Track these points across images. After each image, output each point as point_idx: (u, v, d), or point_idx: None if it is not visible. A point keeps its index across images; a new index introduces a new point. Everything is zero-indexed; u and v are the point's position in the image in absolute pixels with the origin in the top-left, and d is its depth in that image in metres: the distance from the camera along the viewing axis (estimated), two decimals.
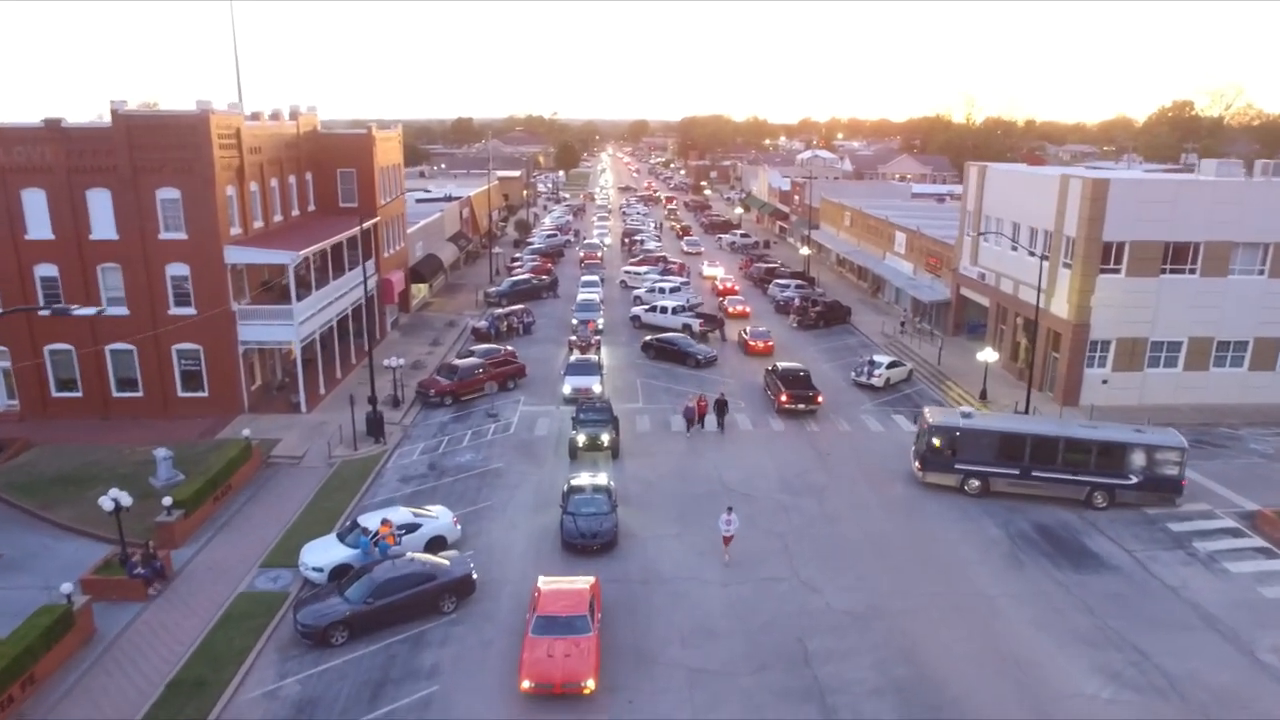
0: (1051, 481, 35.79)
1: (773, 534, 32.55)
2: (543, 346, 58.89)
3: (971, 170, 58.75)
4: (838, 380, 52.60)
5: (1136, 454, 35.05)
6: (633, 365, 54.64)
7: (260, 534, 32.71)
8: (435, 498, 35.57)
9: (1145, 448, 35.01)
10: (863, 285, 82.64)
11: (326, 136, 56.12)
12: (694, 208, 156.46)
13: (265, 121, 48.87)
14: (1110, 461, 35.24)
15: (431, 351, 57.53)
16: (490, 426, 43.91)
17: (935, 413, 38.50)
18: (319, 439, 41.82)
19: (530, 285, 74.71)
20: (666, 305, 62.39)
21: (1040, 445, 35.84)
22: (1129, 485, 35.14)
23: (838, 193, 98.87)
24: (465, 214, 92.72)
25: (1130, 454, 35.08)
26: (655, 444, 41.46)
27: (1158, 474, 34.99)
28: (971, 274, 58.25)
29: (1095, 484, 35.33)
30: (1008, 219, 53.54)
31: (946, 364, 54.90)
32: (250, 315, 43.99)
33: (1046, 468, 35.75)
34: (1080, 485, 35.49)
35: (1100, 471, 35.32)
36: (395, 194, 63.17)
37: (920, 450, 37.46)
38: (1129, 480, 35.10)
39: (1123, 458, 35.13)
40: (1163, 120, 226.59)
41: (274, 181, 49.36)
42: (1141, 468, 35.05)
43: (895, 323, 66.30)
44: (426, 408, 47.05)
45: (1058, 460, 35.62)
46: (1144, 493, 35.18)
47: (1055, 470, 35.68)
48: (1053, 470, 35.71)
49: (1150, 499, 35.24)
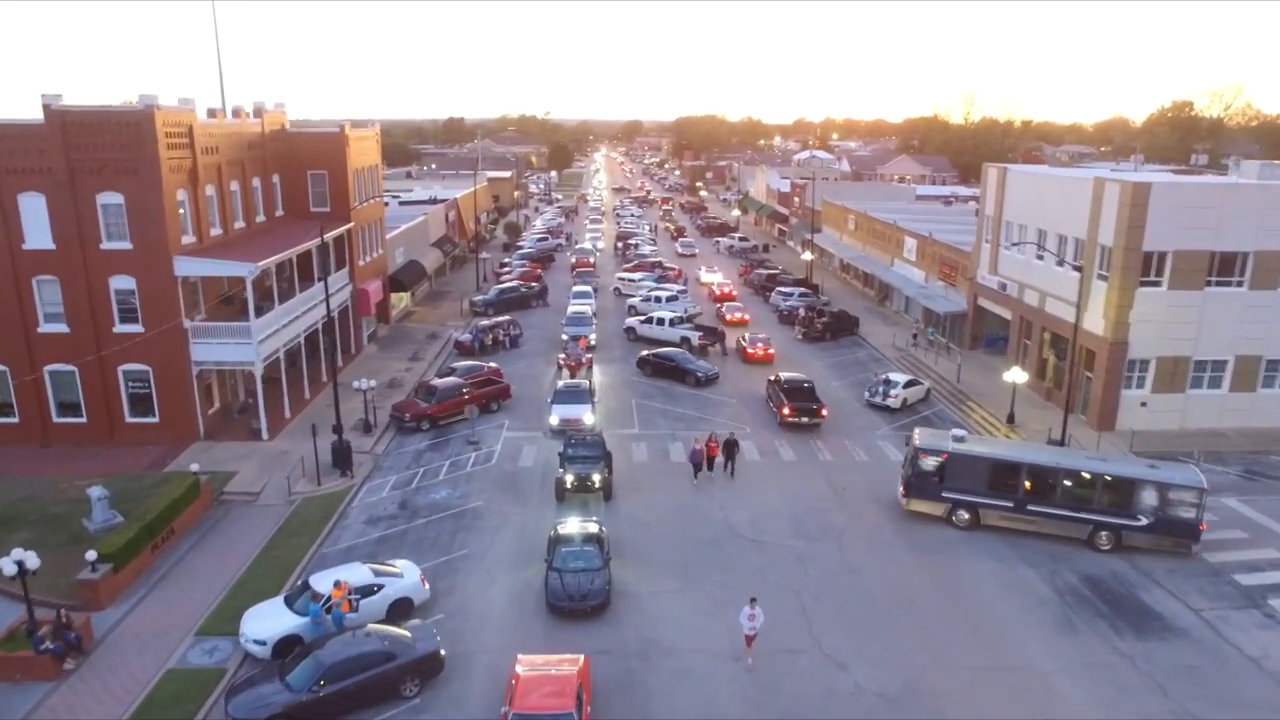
0: (1050, 518, 32.27)
1: (787, 590, 28.45)
2: (530, 362, 54.72)
3: (991, 172, 54.78)
4: (849, 400, 48.55)
5: (1148, 492, 31.29)
6: (627, 383, 50.50)
7: (202, 591, 28.51)
8: (404, 545, 31.44)
9: (1158, 486, 31.23)
10: (868, 293, 78.67)
11: (295, 136, 51.87)
12: (690, 209, 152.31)
13: (225, 119, 44.59)
14: (1118, 499, 31.57)
15: (410, 368, 53.31)
16: (470, 456, 39.75)
17: (924, 434, 35.08)
18: (280, 471, 37.61)
19: (518, 294, 70.51)
20: (663, 316, 58.29)
21: (1038, 476, 32.34)
22: (1138, 527, 31.42)
23: (840, 195, 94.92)
24: (451, 217, 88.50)
25: (1140, 492, 31.34)
26: (652, 478, 37.34)
27: (1172, 516, 31.16)
28: (991, 284, 54.27)
29: (1100, 523, 31.73)
30: (1032, 225, 49.58)
31: (967, 382, 50.89)
32: (205, 333, 39.77)
33: (1045, 502, 32.23)
34: (1082, 524, 31.90)
35: (1106, 510, 31.68)
36: (373, 197, 58.94)
37: (905, 474, 34.08)
38: (1138, 521, 31.38)
39: (1132, 496, 31.42)
40: (1162, 120, 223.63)
41: (234, 184, 45.10)
42: (1153, 508, 31.28)
43: (906, 334, 62.31)
44: (401, 433, 42.86)
45: (1057, 494, 32.11)
46: (1156, 536, 31.39)
47: (1054, 505, 32.14)
48: (1051, 505, 32.17)
49: (1163, 544, 31.43)
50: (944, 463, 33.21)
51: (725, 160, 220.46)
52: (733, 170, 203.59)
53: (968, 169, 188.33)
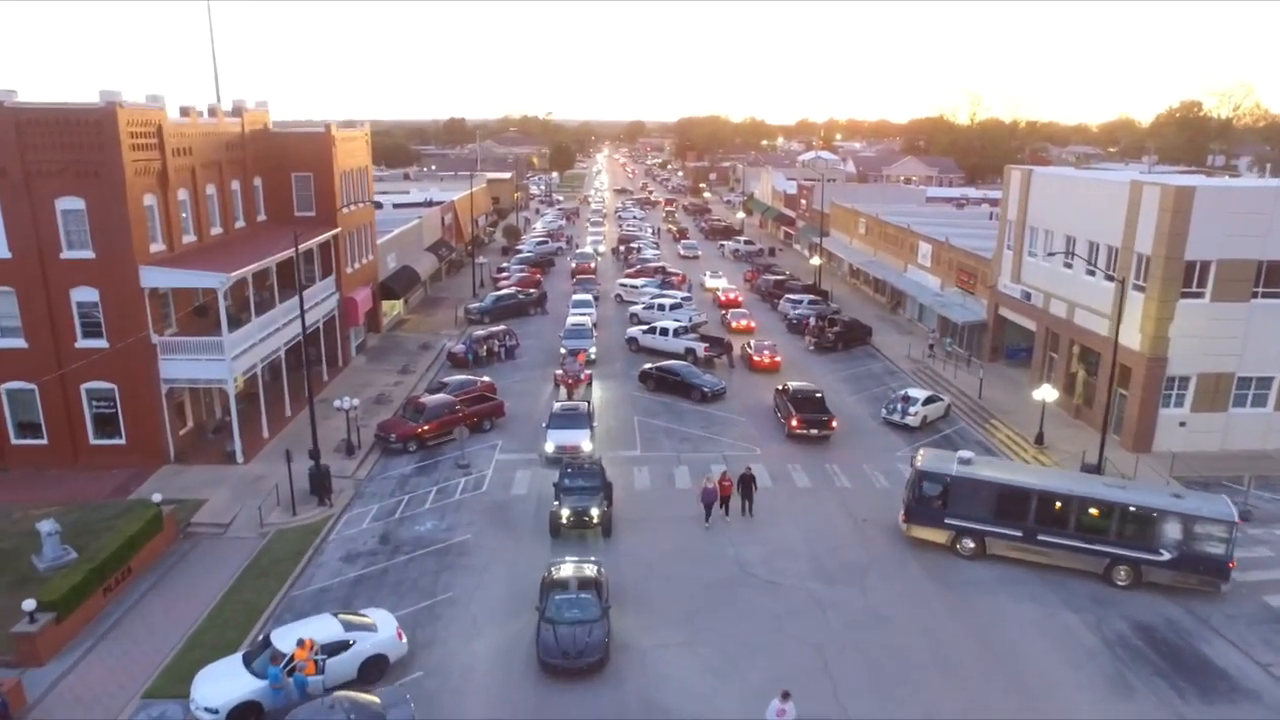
0: (1062, 549, 29.74)
1: (807, 645, 25.52)
2: (526, 375, 51.82)
3: (1014, 175, 51.83)
4: (865, 418, 45.60)
5: (1171, 524, 28.59)
6: (629, 399, 47.57)
7: (156, 642, 25.64)
8: (383, 586, 28.55)
9: (1182, 518, 28.51)
10: (879, 299, 75.72)
11: (278, 136, 49.01)
12: (693, 211, 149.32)
13: (201, 118, 41.73)
14: (1137, 531, 28.92)
15: (399, 381, 50.42)
16: (460, 481, 36.86)
17: (927, 455, 32.60)
18: (253, 499, 34.74)
19: (515, 301, 67.59)
20: (667, 326, 55.34)
21: (1049, 503, 29.80)
22: (1160, 562, 28.74)
23: (848, 197, 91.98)
24: (448, 220, 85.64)
25: (1163, 524, 28.65)
26: (656, 507, 34.42)
27: (1198, 551, 28.41)
28: (1013, 293, 51.31)
29: (1117, 557, 29.12)
30: (1059, 231, 46.64)
31: (989, 397, 47.92)
32: (174, 348, 36.93)
33: (1056, 531, 29.68)
34: (1098, 557, 29.34)
35: (1124, 542, 29.06)
36: (362, 200, 56.08)
37: (907, 499, 31.63)
38: (1160, 556, 28.67)
39: (1153, 528, 28.75)
40: (1170, 121, 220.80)
41: (210, 188, 42.26)
42: (1177, 542, 28.55)
43: (922, 345, 59.37)
44: (387, 455, 39.98)
45: (1070, 524, 29.52)
46: (1180, 573, 28.68)
47: (1067, 535, 29.56)
48: (1064, 535, 29.61)
49: (1188, 581, 28.69)
50: (947, 487, 30.84)
51: (729, 161, 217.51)
52: (736, 171, 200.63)
53: (974, 170, 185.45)
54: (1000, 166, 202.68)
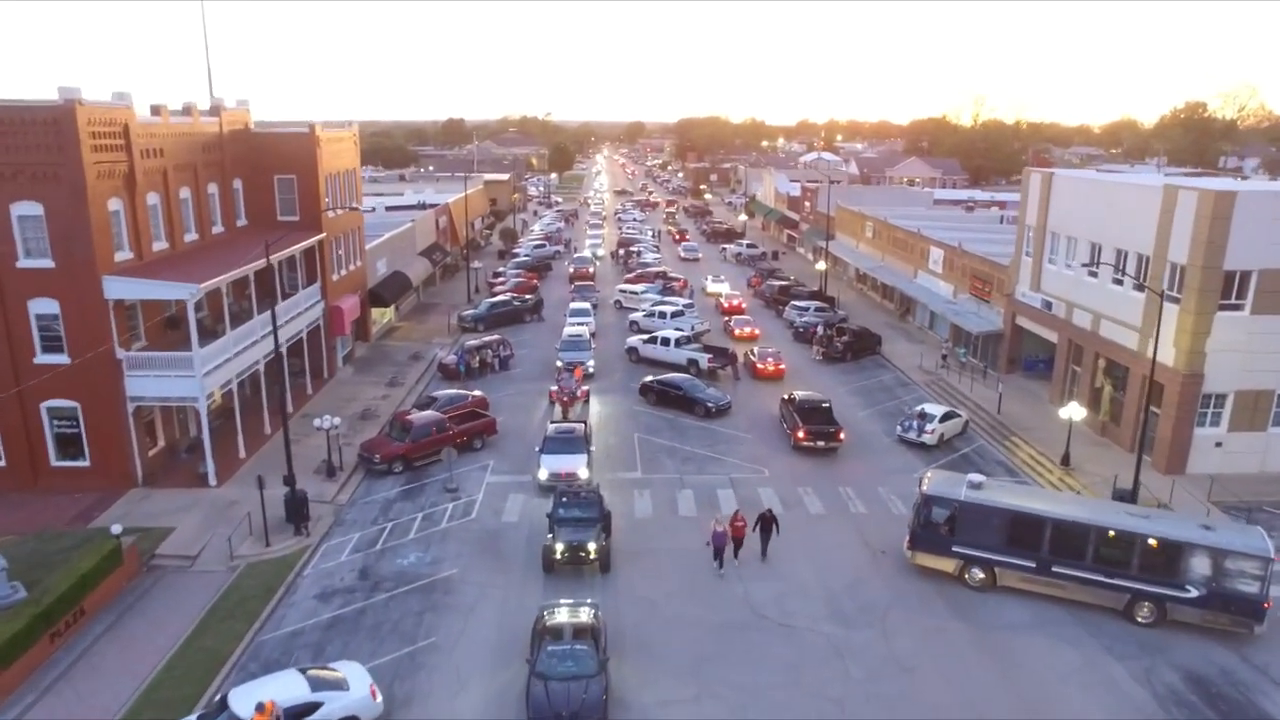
0: (1079, 582, 27.59)
1: (827, 699, 23.07)
2: (521, 388, 49.33)
3: (1033, 178, 49.37)
4: (878, 435, 43.15)
5: (1199, 559, 26.32)
6: (629, 414, 45.09)
7: (106, 696, 23.19)
8: (360, 629, 26.08)
9: (1211, 552, 26.22)
10: (888, 306, 73.25)
11: (260, 137, 46.51)
12: (694, 214, 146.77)
13: (174, 118, 39.25)
14: (1162, 565, 26.68)
15: (387, 395, 47.93)
16: (447, 507, 34.38)
17: (935, 478, 30.56)
18: (225, 527, 32.26)
19: (511, 308, 65.08)
20: (669, 336, 52.85)
21: (1065, 533, 27.67)
22: (1187, 600, 26.48)
23: (853, 199, 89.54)
24: (442, 223, 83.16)
25: (1189, 558, 26.40)
26: (659, 537, 31.94)
27: (1228, 589, 26.13)
28: (1033, 302, 48.84)
29: (1139, 593, 26.91)
30: (1084, 238, 44.20)
31: (1008, 412, 45.44)
32: (142, 364, 34.46)
33: (1072, 563, 27.56)
34: (1118, 592, 27.20)
35: (1147, 577, 26.82)
36: (350, 203, 53.61)
37: (912, 524, 29.72)
38: (1186, 593, 26.40)
39: (1179, 562, 26.49)
40: (1175, 122, 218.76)
41: (185, 192, 39.79)
42: (1205, 578, 26.25)
43: (934, 355, 56.91)
44: (371, 476, 37.50)
45: (1088, 555, 27.37)
46: (1209, 612, 26.39)
47: (1084, 568, 27.41)
48: (1081, 567, 27.45)
49: (1218, 621, 26.40)
50: (956, 513, 28.76)
51: (730, 162, 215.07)
52: (738, 173, 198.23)
53: (978, 172, 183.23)
54: (1004, 168, 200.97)
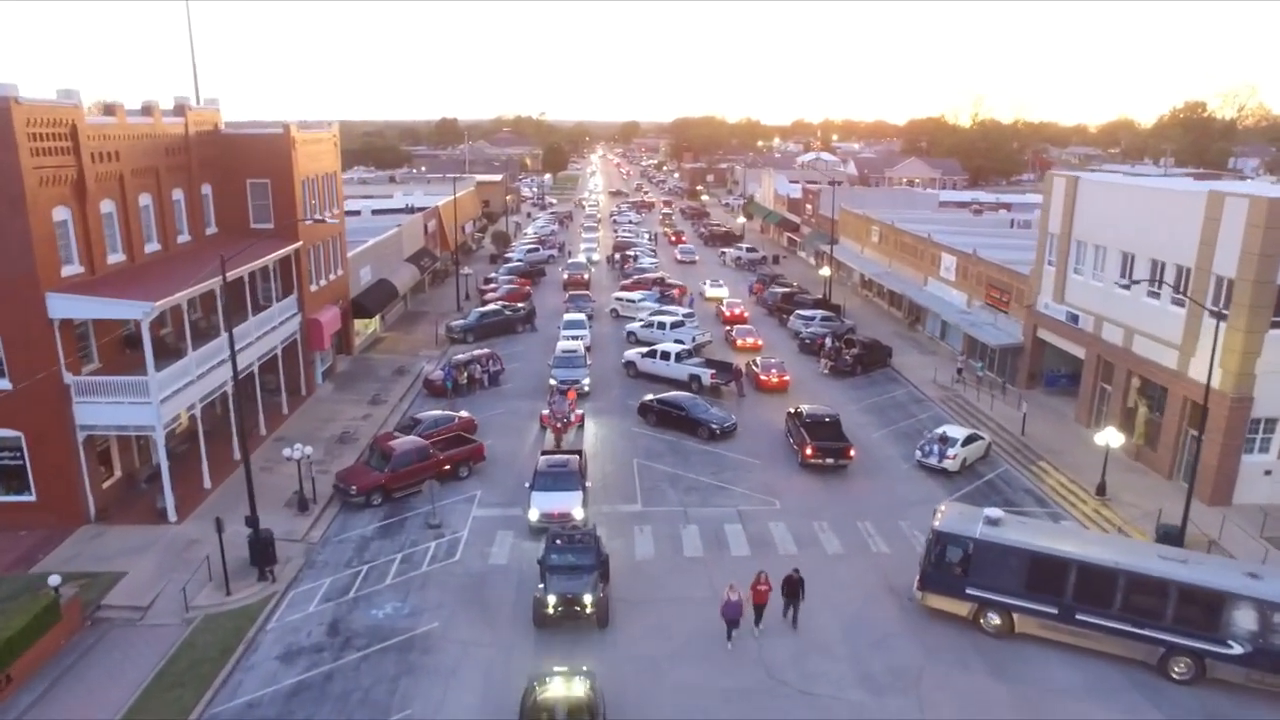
0: (1106, 632, 24.96)
1: None
2: (512, 406, 46.22)
3: (1057, 183, 46.42)
4: (895, 459, 40.17)
5: (1244, 611, 23.62)
6: (627, 437, 42.01)
7: None
8: (326, 699, 23.01)
9: (1258, 604, 23.49)
10: (895, 313, 70.28)
11: (231, 138, 43.32)
12: (690, 215, 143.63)
13: (133, 118, 36.08)
14: (1201, 617, 23.96)
15: (369, 415, 44.78)
16: (429, 546, 31.29)
17: (949, 512, 27.95)
18: (182, 571, 29.16)
19: (502, 317, 61.91)
20: (669, 350, 49.76)
21: (1091, 577, 25.07)
22: (1229, 656, 23.79)
23: (857, 202, 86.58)
24: (431, 227, 79.99)
25: (1234, 610, 23.70)
26: (662, 582, 28.87)
27: (1278, 647, 23.30)
28: (1057, 314, 45.90)
29: (1175, 646, 24.21)
30: (1113, 247, 41.27)
31: (1033, 433, 42.48)
32: (92, 390, 31.29)
33: (1099, 610, 24.96)
34: (1151, 644, 24.58)
35: (1184, 629, 24.13)
36: (331, 209, 50.47)
37: (923, 563, 27.31)
38: (1229, 649, 23.70)
39: (1222, 614, 23.78)
40: (1175, 122, 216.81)
41: (145, 198, 36.63)
42: (1252, 633, 23.54)
43: (948, 368, 53.96)
44: (347, 509, 34.37)
45: (1117, 602, 24.70)
46: (1255, 671, 23.71)
47: (1113, 616, 24.76)
48: (1109, 616, 24.80)
49: (1265, 681, 23.63)
50: (971, 552, 26.25)
51: (726, 163, 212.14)
52: (734, 173, 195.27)
53: (978, 172, 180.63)
54: (1003, 168, 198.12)
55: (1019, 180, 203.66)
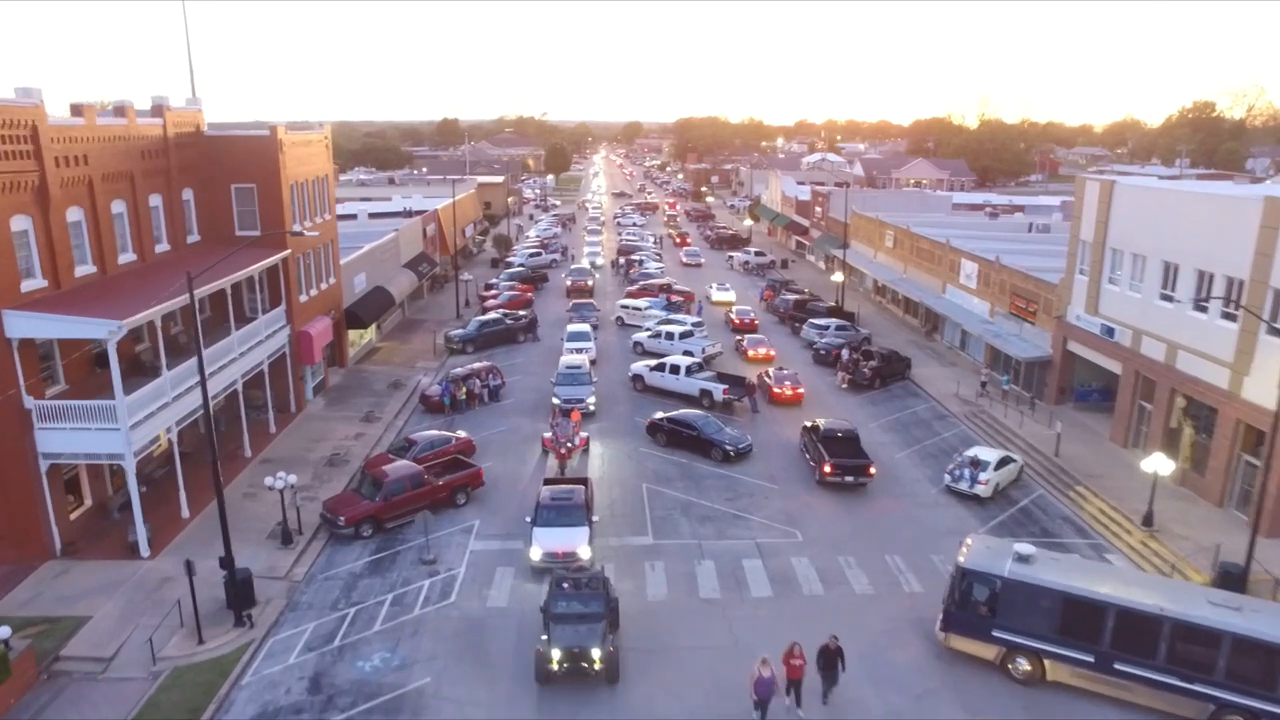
0: (1148, 685, 22.50)
1: None
2: (513, 424, 43.66)
3: (1089, 188, 43.81)
4: (921, 482, 37.61)
5: None
6: (635, 459, 39.43)
7: None
8: None
9: None
10: (911, 321, 67.67)
11: (214, 141, 40.83)
12: (696, 217, 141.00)
13: (105, 119, 33.59)
14: (1258, 672, 21.55)
15: (361, 433, 42.25)
16: (423, 585, 28.75)
17: (976, 547, 25.58)
18: (152, 615, 26.64)
19: (503, 327, 59.39)
20: (679, 364, 47.18)
21: (1132, 623, 22.62)
22: None
23: (867, 205, 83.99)
24: (430, 231, 77.48)
25: None
26: (676, 628, 26.29)
27: None
28: (1089, 327, 43.30)
29: (1227, 704, 21.76)
30: (1155, 256, 38.67)
31: (1068, 455, 39.88)
32: (55, 415, 28.76)
33: (1140, 660, 22.54)
34: (1199, 700, 22.16)
35: (1238, 685, 21.71)
36: (323, 214, 47.97)
37: (947, 602, 25.19)
38: None
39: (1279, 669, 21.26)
40: (1184, 122, 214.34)
41: (118, 205, 34.14)
42: None
43: (971, 380, 51.37)
44: (335, 542, 31.84)
45: (1161, 652, 22.25)
46: None
47: (1157, 668, 22.33)
48: (1152, 667, 22.39)
49: None
50: (998, 591, 24.20)
51: (731, 164, 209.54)
52: (739, 174, 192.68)
53: (985, 173, 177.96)
54: (1011, 169, 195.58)
55: (1026, 181, 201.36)
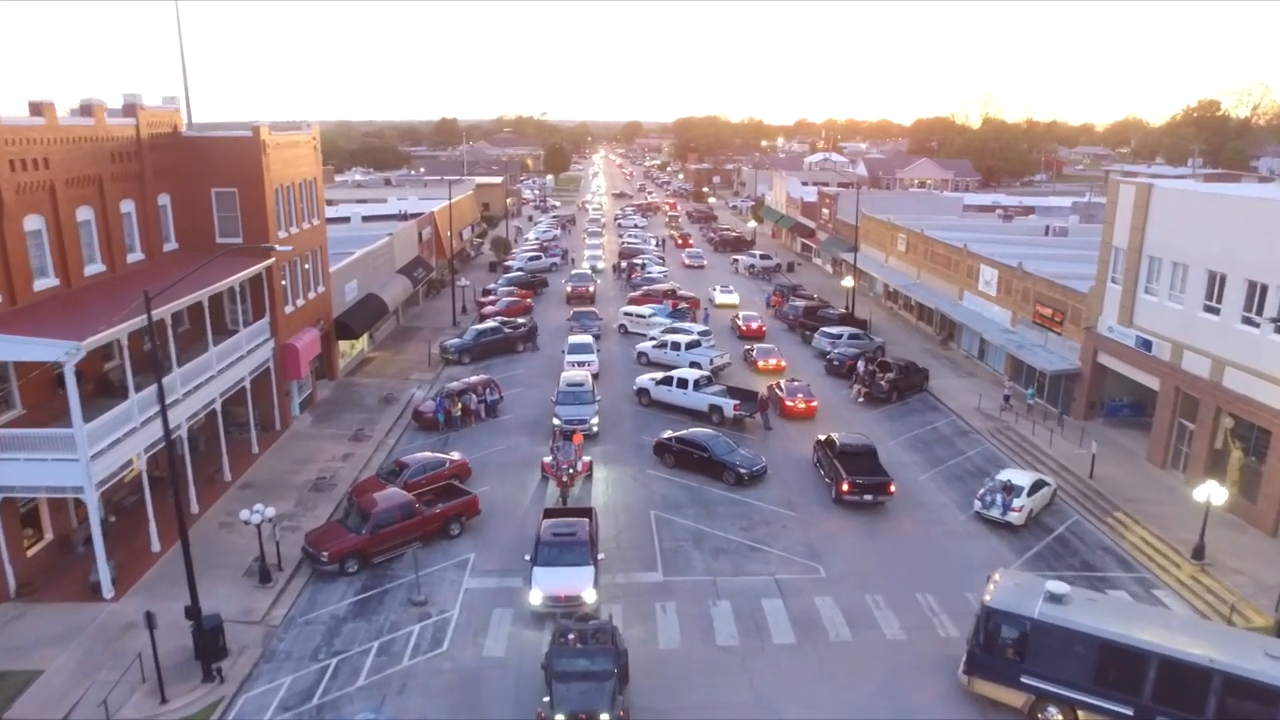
0: None
1: None
2: (511, 443, 41.12)
3: (1124, 190, 41.29)
4: (949, 508, 35.12)
5: None
6: (642, 482, 36.88)
7: None
8: None
9: None
10: (924, 328, 65.13)
11: (192, 143, 38.28)
12: (698, 219, 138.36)
13: (69, 120, 31.04)
14: None
15: (350, 454, 39.69)
16: (412, 630, 26.22)
17: (1004, 584, 23.75)
18: (112, 668, 24.14)
19: (501, 336, 56.79)
20: (686, 378, 44.60)
21: (1177, 675, 20.38)
22: None
23: (876, 206, 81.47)
24: (426, 234, 74.91)
25: None
26: (693, 684, 23.74)
27: None
28: (1123, 339, 40.79)
29: None
30: (1197, 264, 36.18)
31: (1103, 476, 37.35)
32: (8, 444, 26.22)
33: (1186, 717, 20.14)
34: None
35: None
36: (311, 219, 45.42)
37: (971, 643, 23.19)
38: None
39: None
40: (1188, 120, 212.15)
41: (84, 212, 31.59)
42: None
43: (993, 393, 48.83)
44: (318, 578, 29.30)
45: (1209, 707, 19.94)
46: None
47: None
48: None
49: None
50: (1028, 633, 22.19)
51: (733, 164, 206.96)
52: (740, 174, 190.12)
53: (989, 173, 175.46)
54: (1016, 169, 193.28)
55: (1031, 181, 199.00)
